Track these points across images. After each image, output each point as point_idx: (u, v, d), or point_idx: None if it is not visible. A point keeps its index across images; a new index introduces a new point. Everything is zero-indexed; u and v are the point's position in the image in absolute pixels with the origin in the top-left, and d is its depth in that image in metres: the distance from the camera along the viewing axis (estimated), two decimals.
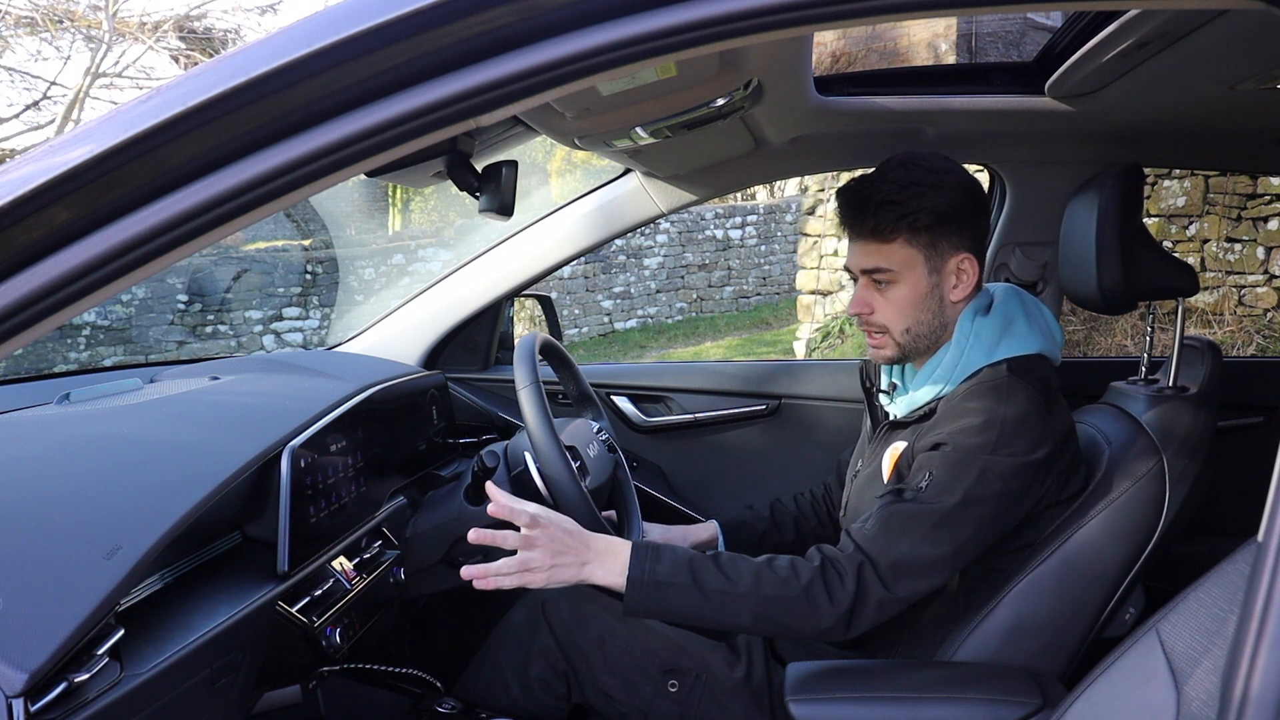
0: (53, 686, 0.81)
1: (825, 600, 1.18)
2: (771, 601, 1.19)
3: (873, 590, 1.19)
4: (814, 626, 1.20)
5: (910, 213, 1.28)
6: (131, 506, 1.02)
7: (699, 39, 0.68)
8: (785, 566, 1.21)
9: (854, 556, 1.21)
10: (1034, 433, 1.23)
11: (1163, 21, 1.16)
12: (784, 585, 1.19)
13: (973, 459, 1.21)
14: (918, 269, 1.31)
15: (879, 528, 1.22)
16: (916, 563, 1.20)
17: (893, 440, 1.40)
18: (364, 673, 1.52)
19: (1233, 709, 0.61)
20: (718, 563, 1.22)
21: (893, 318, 1.33)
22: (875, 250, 1.31)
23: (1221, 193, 5.53)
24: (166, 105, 0.65)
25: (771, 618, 1.20)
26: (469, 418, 2.08)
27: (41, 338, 0.73)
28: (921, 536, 1.20)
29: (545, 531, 1.23)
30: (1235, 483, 1.35)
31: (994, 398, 1.25)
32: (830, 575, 1.20)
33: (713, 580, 1.20)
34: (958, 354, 1.33)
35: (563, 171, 12.57)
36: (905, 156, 1.33)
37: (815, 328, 7.54)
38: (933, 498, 1.21)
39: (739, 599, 1.19)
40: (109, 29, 9.65)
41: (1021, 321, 1.34)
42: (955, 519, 1.20)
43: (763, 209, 12.24)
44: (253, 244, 9.01)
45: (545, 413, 1.49)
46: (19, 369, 7.19)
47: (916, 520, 1.21)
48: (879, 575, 1.19)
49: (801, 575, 1.20)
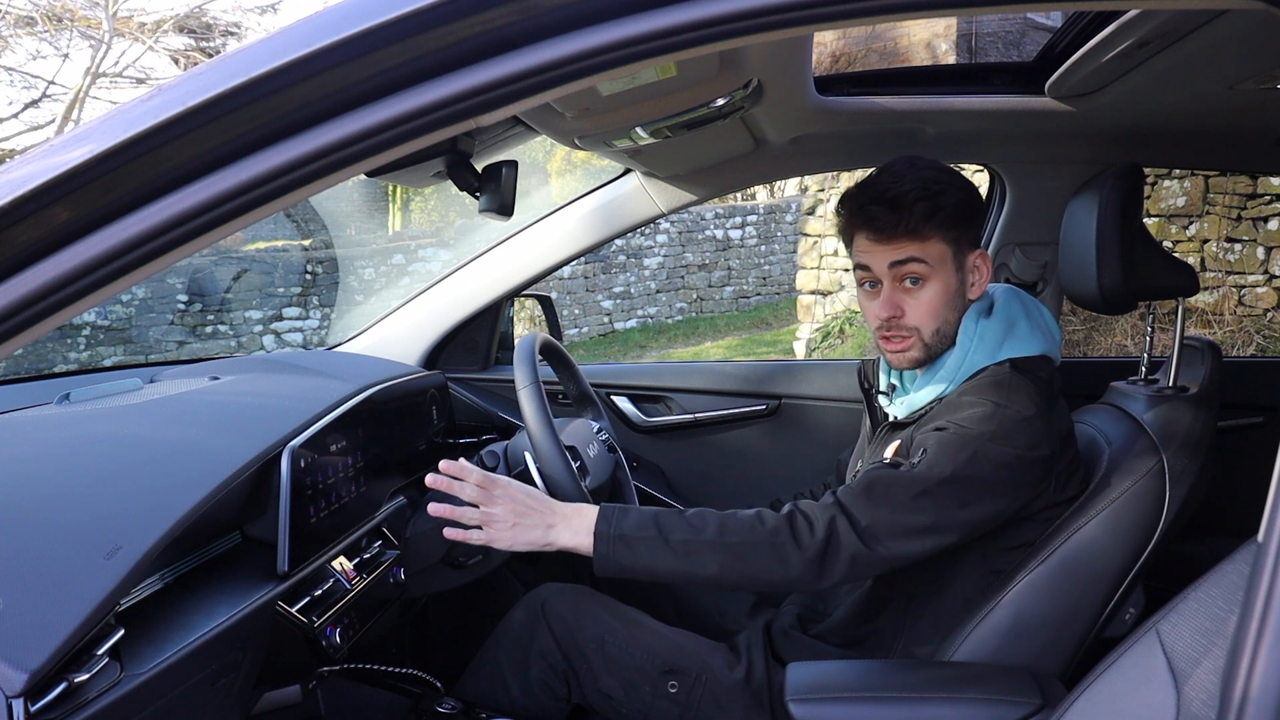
0: (53, 686, 0.81)
1: (792, 547, 1.19)
2: (737, 549, 1.20)
3: (846, 542, 1.19)
4: (781, 575, 1.20)
5: (940, 208, 1.29)
6: (131, 507, 1.02)
7: (699, 39, 0.68)
8: (750, 515, 1.23)
9: (828, 508, 1.22)
10: (1035, 431, 1.24)
11: (1163, 21, 1.16)
12: (748, 531, 1.20)
13: (969, 441, 1.22)
14: (948, 265, 1.32)
15: (861, 487, 1.23)
16: (896, 526, 1.20)
17: (892, 441, 1.40)
18: (364, 673, 1.52)
19: (1233, 709, 0.61)
20: (683, 515, 1.24)
21: (924, 318, 1.33)
22: (912, 246, 1.31)
23: (1221, 193, 5.53)
24: (166, 105, 0.65)
25: (738, 567, 1.20)
26: (469, 418, 2.08)
27: (41, 338, 0.73)
28: (902, 503, 1.21)
29: (504, 491, 1.26)
30: (1235, 483, 1.35)
31: (998, 393, 1.26)
32: (798, 522, 1.21)
33: (678, 531, 1.21)
34: (961, 355, 1.33)
35: (563, 171, 12.57)
36: (910, 158, 1.34)
37: (815, 328, 7.54)
38: (922, 471, 1.22)
39: (704, 547, 1.20)
40: (109, 28, 9.65)
41: (1023, 323, 1.35)
42: (939, 492, 1.21)
43: (763, 209, 12.24)
44: (253, 244, 9.01)
45: (545, 413, 1.49)
46: (19, 369, 7.19)
47: (901, 486, 1.21)
48: (856, 531, 1.20)
49: (767, 522, 1.21)
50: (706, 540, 1.21)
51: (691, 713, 1.39)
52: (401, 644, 1.85)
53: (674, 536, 1.21)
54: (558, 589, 1.52)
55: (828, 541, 1.19)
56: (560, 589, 1.53)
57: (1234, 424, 1.94)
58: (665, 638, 1.45)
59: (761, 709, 1.38)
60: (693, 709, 1.39)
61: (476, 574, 1.66)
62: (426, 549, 1.62)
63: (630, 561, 1.22)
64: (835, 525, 1.20)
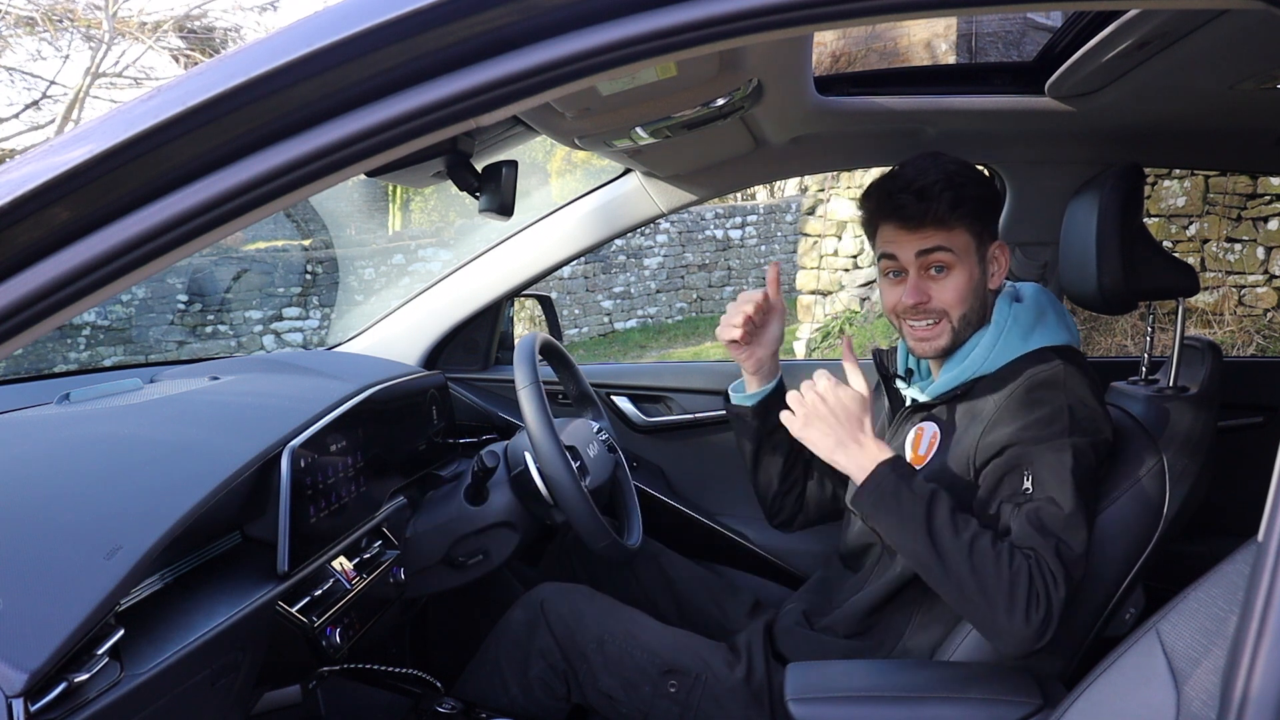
0: (53, 686, 0.81)
1: (1024, 607, 1.15)
2: (977, 566, 1.16)
3: (1058, 600, 1.16)
4: (996, 624, 1.16)
5: (967, 199, 1.32)
6: (131, 507, 1.02)
7: (699, 39, 0.68)
8: (1004, 546, 1.18)
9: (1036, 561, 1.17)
10: (1098, 414, 1.27)
11: (1162, 21, 1.16)
12: (994, 560, 1.16)
13: (1062, 444, 1.23)
14: (972, 255, 1.35)
15: (1028, 531, 1.19)
16: (1069, 554, 1.18)
17: (915, 422, 1.42)
18: (364, 673, 1.52)
19: (1233, 709, 0.61)
20: (953, 509, 1.21)
21: (951, 302, 1.35)
22: (939, 235, 1.33)
23: (1221, 193, 5.53)
24: (166, 105, 0.65)
25: (963, 582, 1.17)
26: (469, 418, 2.08)
27: (41, 338, 0.73)
28: (1064, 526, 1.19)
29: (835, 396, 1.28)
30: (1235, 483, 1.35)
31: (1053, 387, 1.27)
32: (1037, 586, 1.15)
33: (941, 518, 1.19)
34: (995, 335, 1.35)
35: (563, 171, 12.57)
36: (932, 154, 1.36)
37: (815, 328, 7.54)
38: (1048, 492, 1.21)
39: (952, 546, 1.18)
40: (109, 29, 9.65)
41: (1052, 313, 1.38)
42: (1078, 502, 1.21)
43: (763, 209, 12.25)
44: (253, 244, 9.01)
45: (545, 413, 1.49)
46: (19, 369, 7.19)
47: (1052, 515, 1.20)
48: (1050, 572, 1.17)
49: (1013, 564, 1.16)
50: (961, 542, 1.18)
51: (691, 712, 1.39)
52: (401, 644, 1.85)
53: (936, 521, 1.19)
54: (557, 589, 1.52)
55: (1048, 610, 1.15)
56: (560, 589, 1.53)
57: (1234, 424, 1.94)
58: (665, 637, 1.45)
59: (761, 709, 1.38)
60: (692, 709, 1.39)
61: (476, 574, 1.66)
62: (426, 549, 1.63)
63: (882, 514, 1.23)
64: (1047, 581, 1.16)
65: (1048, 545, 1.18)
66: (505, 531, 1.65)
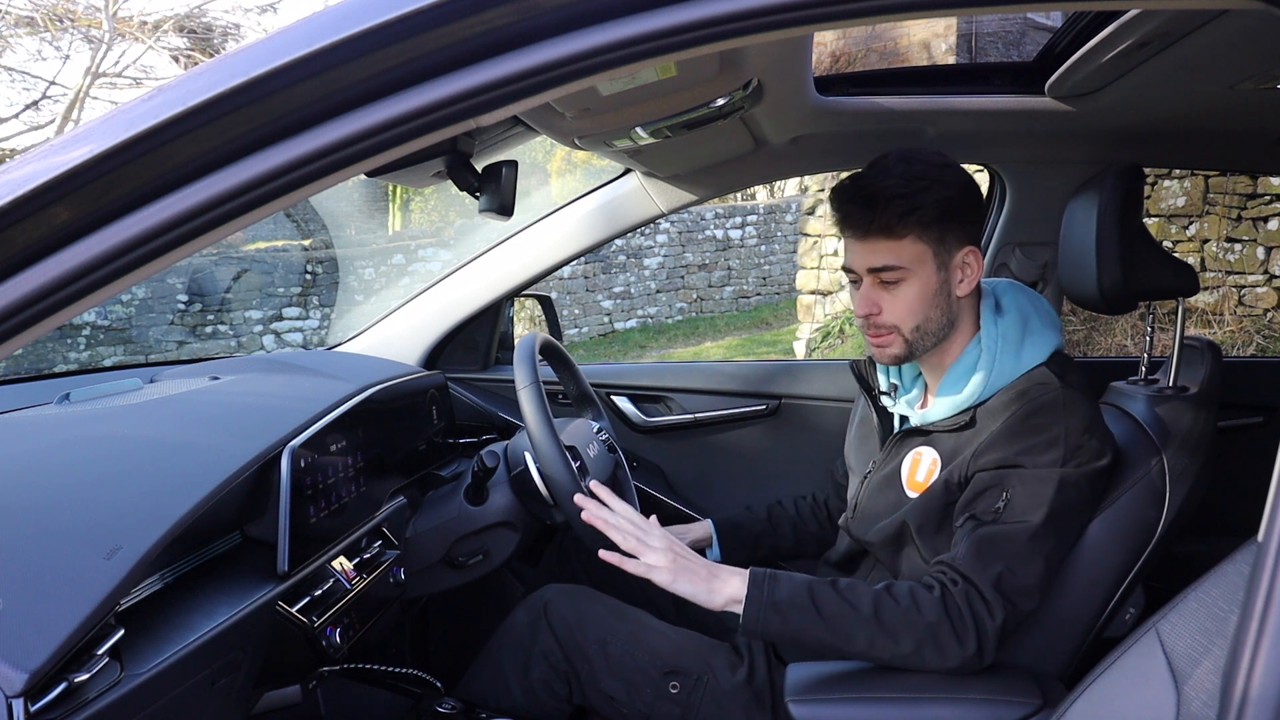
0: (53, 686, 0.81)
1: (953, 643, 1.19)
2: (891, 631, 1.19)
3: (992, 627, 1.19)
4: (940, 664, 1.20)
5: (919, 207, 1.27)
6: (131, 507, 1.02)
7: (699, 39, 0.68)
8: (905, 597, 1.21)
9: (968, 593, 1.20)
10: (1098, 439, 1.25)
11: (1163, 21, 1.16)
12: (905, 616, 1.19)
13: (1049, 474, 1.22)
14: (927, 265, 1.30)
15: (972, 554, 1.21)
16: (1014, 583, 1.20)
17: (914, 445, 1.38)
18: (364, 673, 1.52)
19: (1233, 709, 0.61)
20: (836, 588, 1.23)
21: (903, 316, 1.32)
22: (885, 248, 1.29)
23: (1221, 193, 5.53)
24: (166, 105, 0.65)
25: (890, 648, 1.20)
26: (469, 418, 2.08)
27: (41, 338, 0.73)
28: (1015, 554, 1.20)
29: (662, 542, 1.29)
30: (1235, 483, 1.35)
31: (1053, 412, 1.25)
32: (955, 617, 1.19)
33: (831, 604, 1.21)
34: (990, 359, 1.32)
35: (563, 171, 12.57)
36: (903, 152, 1.32)
37: (815, 328, 7.54)
38: (1016, 517, 1.22)
39: (857, 623, 1.20)
40: (109, 29, 9.65)
41: (1035, 318, 1.35)
42: (1042, 534, 1.21)
43: (763, 209, 12.24)
44: (253, 244, 9.01)
45: (545, 413, 1.49)
46: (19, 369, 7.19)
47: (1008, 540, 1.21)
48: (985, 601, 1.19)
49: (924, 610, 1.19)
50: (861, 617, 1.20)
51: (693, 713, 1.38)
52: (401, 644, 1.85)
53: (827, 609, 1.21)
54: (560, 590, 1.52)
55: (980, 635, 1.19)
56: (562, 590, 1.52)
57: (1234, 424, 1.94)
58: (667, 638, 1.45)
59: (763, 709, 1.38)
60: (694, 710, 1.39)
61: (476, 574, 1.66)
62: (426, 549, 1.63)
63: (780, 628, 1.22)
64: (977, 610, 1.19)
65: (986, 575, 1.19)
66: (505, 531, 1.65)
